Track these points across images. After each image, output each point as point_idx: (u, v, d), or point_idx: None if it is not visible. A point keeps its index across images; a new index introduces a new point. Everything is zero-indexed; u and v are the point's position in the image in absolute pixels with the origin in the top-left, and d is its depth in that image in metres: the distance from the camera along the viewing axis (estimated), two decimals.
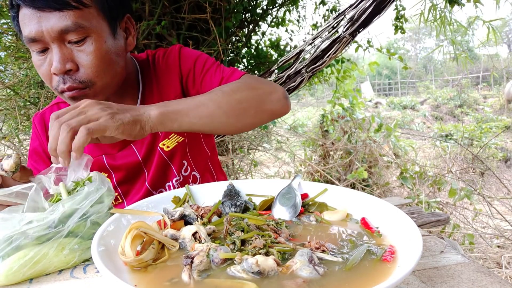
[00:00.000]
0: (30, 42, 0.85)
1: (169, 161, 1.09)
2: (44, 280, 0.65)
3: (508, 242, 2.88)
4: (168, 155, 1.08)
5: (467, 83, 16.08)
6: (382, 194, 3.99)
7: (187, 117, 0.82)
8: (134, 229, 0.58)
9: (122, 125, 0.73)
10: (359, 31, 1.99)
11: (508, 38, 27.05)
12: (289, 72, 2.19)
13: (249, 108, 0.90)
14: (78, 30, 0.83)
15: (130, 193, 1.11)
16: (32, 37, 0.83)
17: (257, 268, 0.51)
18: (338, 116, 4.38)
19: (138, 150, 1.08)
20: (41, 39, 0.83)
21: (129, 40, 0.99)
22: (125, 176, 1.09)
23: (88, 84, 0.88)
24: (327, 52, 2.06)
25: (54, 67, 0.84)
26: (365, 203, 0.75)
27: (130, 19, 1.00)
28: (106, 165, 1.07)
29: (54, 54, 0.84)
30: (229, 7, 2.41)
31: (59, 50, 0.84)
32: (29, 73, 2.19)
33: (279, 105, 0.95)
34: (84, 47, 0.86)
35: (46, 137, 1.07)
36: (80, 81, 0.87)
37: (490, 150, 5.90)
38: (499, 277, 0.60)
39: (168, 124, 0.80)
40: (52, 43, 0.84)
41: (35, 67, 0.90)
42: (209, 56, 1.09)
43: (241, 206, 0.78)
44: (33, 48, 0.86)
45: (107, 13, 0.89)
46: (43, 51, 0.86)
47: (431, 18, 2.35)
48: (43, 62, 0.87)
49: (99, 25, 0.87)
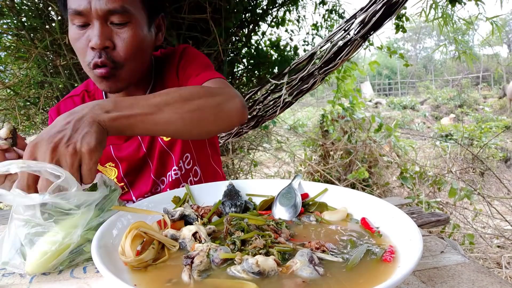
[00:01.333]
0: (75, 15, 0.90)
1: (169, 150, 1.12)
2: (44, 280, 0.65)
3: (508, 242, 2.88)
4: (167, 144, 1.12)
5: (467, 83, 16.08)
6: (382, 194, 3.99)
7: (141, 124, 0.74)
8: (134, 229, 0.58)
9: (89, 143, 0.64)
10: (370, 34, 2.01)
11: (508, 38, 27.05)
12: (302, 74, 2.21)
13: (207, 116, 0.86)
14: (124, 14, 0.90)
15: (136, 183, 1.15)
16: (80, 10, 0.88)
17: (257, 268, 0.51)
18: (338, 116, 4.38)
19: (143, 141, 1.12)
20: (87, 14, 0.89)
21: (159, 36, 1.07)
22: (130, 167, 1.12)
23: (118, 66, 0.94)
24: (339, 54, 2.07)
25: (94, 42, 0.89)
26: (365, 203, 0.75)
27: (164, 18, 1.08)
28: (113, 155, 1.11)
29: (96, 30, 0.90)
30: (229, 7, 2.41)
31: (101, 27, 0.90)
32: (29, 73, 2.19)
33: (237, 114, 0.92)
34: (123, 30, 0.92)
35: None
36: (112, 60, 0.93)
37: (490, 150, 5.90)
38: (499, 277, 0.60)
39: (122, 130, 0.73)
40: (96, 20, 0.89)
41: (70, 40, 0.95)
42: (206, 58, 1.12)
43: (241, 206, 0.78)
44: (75, 21, 0.91)
45: (148, 7, 0.98)
46: (83, 26, 0.91)
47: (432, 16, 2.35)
48: (81, 36, 0.92)
49: (140, 15, 0.95)
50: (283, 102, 2.30)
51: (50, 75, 2.27)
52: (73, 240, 0.64)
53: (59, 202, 0.64)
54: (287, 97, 2.27)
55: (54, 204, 0.64)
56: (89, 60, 0.93)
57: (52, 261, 0.64)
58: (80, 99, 1.15)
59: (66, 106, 1.14)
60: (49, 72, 2.27)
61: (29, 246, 0.64)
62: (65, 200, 0.64)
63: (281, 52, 2.92)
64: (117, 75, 0.95)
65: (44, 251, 0.63)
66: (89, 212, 0.67)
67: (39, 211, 0.64)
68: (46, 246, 0.63)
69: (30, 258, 0.63)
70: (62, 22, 2.12)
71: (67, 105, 1.14)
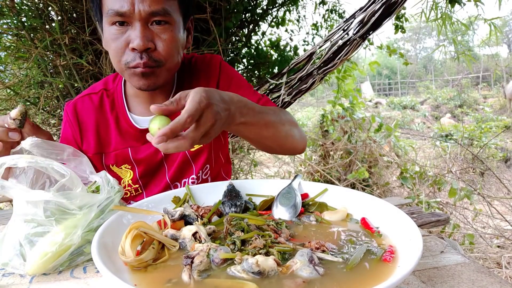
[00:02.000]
0: (115, 15, 0.90)
1: (191, 160, 1.13)
2: (44, 280, 0.65)
3: (508, 242, 2.88)
4: (192, 155, 1.13)
5: (467, 83, 16.08)
6: (382, 194, 3.99)
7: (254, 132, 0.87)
8: (134, 229, 0.58)
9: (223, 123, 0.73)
10: (369, 34, 2.01)
11: (508, 38, 27.05)
12: (301, 74, 2.21)
13: (287, 143, 1.00)
14: (165, 16, 0.92)
15: (150, 185, 1.15)
16: (123, 11, 0.89)
17: (257, 268, 0.51)
18: (338, 116, 4.37)
19: None
20: (129, 15, 0.90)
21: (189, 38, 1.08)
22: (147, 169, 1.13)
23: (159, 64, 0.95)
24: (338, 54, 2.07)
25: (137, 44, 0.90)
26: (365, 203, 0.75)
27: (192, 21, 1.10)
28: (130, 158, 1.11)
29: (138, 31, 0.91)
30: (229, 7, 2.41)
31: (143, 29, 0.91)
32: (29, 73, 2.19)
33: (301, 149, 1.07)
34: (164, 31, 0.94)
35: (78, 126, 1.11)
36: (154, 59, 0.94)
37: (490, 150, 5.90)
38: (499, 277, 0.60)
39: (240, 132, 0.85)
40: (138, 22, 0.91)
41: (106, 40, 0.96)
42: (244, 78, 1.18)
43: (241, 206, 0.78)
44: (114, 20, 0.92)
45: (184, 9, 1.00)
46: (122, 26, 0.92)
47: (432, 16, 2.35)
48: (120, 36, 0.93)
49: (177, 17, 0.97)
50: (282, 102, 2.30)
51: (50, 75, 2.27)
52: (74, 241, 0.65)
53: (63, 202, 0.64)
54: (286, 97, 2.27)
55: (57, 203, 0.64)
56: (128, 60, 0.93)
57: (53, 262, 0.64)
58: (99, 98, 1.14)
59: (84, 104, 1.13)
60: (49, 72, 2.27)
61: (29, 246, 0.64)
62: (68, 200, 0.64)
63: (281, 52, 2.92)
64: (157, 74, 0.97)
65: (44, 252, 0.63)
66: (91, 213, 0.67)
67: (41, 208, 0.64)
68: (46, 247, 0.63)
69: (31, 259, 0.63)
70: (62, 22, 2.12)
71: (85, 103, 1.13)
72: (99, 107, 1.13)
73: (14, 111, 0.81)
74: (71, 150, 0.78)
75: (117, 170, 1.13)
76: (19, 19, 2.09)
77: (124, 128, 1.11)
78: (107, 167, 1.12)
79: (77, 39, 2.18)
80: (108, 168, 1.12)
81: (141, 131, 1.09)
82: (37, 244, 0.64)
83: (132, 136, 1.11)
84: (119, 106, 1.12)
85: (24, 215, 0.65)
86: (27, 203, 0.64)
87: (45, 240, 0.64)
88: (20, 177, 0.70)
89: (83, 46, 2.21)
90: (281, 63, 2.78)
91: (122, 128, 1.11)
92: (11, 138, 0.83)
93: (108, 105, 1.13)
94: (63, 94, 2.42)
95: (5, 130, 0.83)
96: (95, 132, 1.11)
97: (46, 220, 0.65)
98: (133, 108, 1.13)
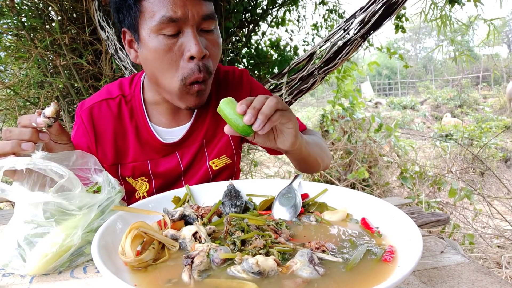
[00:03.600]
0: (167, 23, 0.82)
1: (212, 177, 1.11)
2: (44, 280, 0.65)
3: (508, 242, 2.88)
4: (214, 173, 1.10)
5: (467, 83, 16.08)
6: (382, 194, 3.99)
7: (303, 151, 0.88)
8: (134, 229, 0.58)
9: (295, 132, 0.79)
10: (370, 34, 2.01)
11: (508, 38, 27.05)
12: (301, 74, 2.21)
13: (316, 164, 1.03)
14: (213, 19, 0.87)
15: None
16: (176, 17, 0.82)
17: (257, 268, 0.51)
18: (338, 116, 4.37)
19: (181, 159, 1.07)
20: (182, 21, 0.83)
21: None
22: (164, 183, 1.08)
23: (211, 73, 0.90)
24: (339, 54, 2.08)
25: (196, 51, 0.83)
26: (365, 203, 0.75)
27: None
28: (149, 171, 1.05)
29: (192, 38, 0.83)
30: (229, 7, 2.41)
31: (197, 34, 0.85)
32: (29, 73, 2.19)
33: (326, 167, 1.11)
34: (212, 37, 0.89)
35: (94, 135, 1.01)
36: (207, 68, 0.88)
37: (490, 150, 5.90)
38: (499, 277, 0.60)
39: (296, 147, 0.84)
40: (190, 27, 0.84)
41: (157, 52, 0.85)
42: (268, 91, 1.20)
43: (241, 206, 0.78)
44: (165, 30, 0.83)
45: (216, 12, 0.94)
46: (173, 35, 0.84)
47: (431, 16, 2.36)
48: (173, 45, 0.84)
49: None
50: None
51: (50, 75, 2.27)
52: (74, 241, 0.65)
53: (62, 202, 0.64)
54: (287, 97, 2.27)
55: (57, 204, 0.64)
56: (185, 75, 0.86)
57: (53, 263, 0.64)
58: (117, 104, 1.03)
59: (101, 110, 1.02)
60: (49, 72, 2.27)
61: (29, 247, 0.64)
62: (68, 200, 0.64)
63: (281, 52, 2.92)
64: (208, 84, 0.91)
65: (45, 253, 0.63)
66: (91, 213, 0.67)
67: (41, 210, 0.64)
68: (46, 248, 0.63)
69: (31, 260, 0.63)
70: (62, 22, 2.12)
71: (102, 110, 1.02)
72: (117, 115, 1.03)
73: (49, 109, 0.72)
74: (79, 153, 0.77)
75: (132, 182, 1.07)
76: (19, 19, 2.09)
77: (144, 139, 1.03)
78: (123, 179, 1.06)
79: (77, 39, 2.18)
80: (124, 179, 1.06)
81: (164, 145, 1.03)
82: (37, 245, 0.64)
83: (152, 148, 1.03)
84: (138, 115, 1.03)
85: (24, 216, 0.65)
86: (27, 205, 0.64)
87: (46, 241, 0.64)
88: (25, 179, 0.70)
89: (83, 46, 2.21)
90: (281, 63, 2.78)
91: (142, 139, 1.03)
92: (42, 139, 0.74)
93: (127, 113, 1.03)
94: (63, 94, 2.42)
95: (35, 131, 0.73)
96: (113, 142, 1.02)
97: (46, 222, 0.65)
98: (154, 117, 1.05)
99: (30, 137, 0.72)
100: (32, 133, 0.72)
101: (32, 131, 0.72)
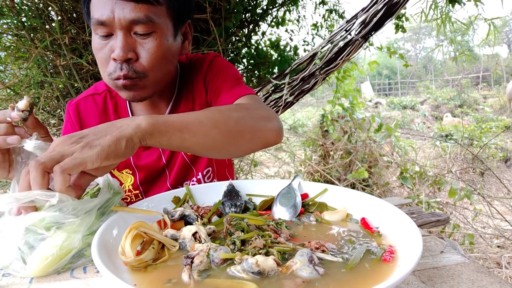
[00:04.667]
0: (98, 25, 0.87)
1: (191, 164, 1.11)
2: (44, 280, 0.65)
3: (508, 242, 2.88)
4: (190, 158, 1.11)
5: (467, 83, 16.08)
6: (382, 194, 3.99)
7: (179, 132, 0.72)
8: (134, 229, 0.58)
9: (103, 151, 0.62)
10: (371, 34, 2.01)
11: (508, 38, 27.04)
12: (303, 74, 2.22)
13: (245, 132, 0.83)
14: (147, 24, 0.87)
15: (151, 191, 1.14)
16: (102, 20, 0.86)
17: (257, 268, 0.51)
18: (338, 116, 4.38)
19: (163, 151, 1.10)
20: (109, 24, 0.86)
21: (185, 44, 1.04)
22: (148, 176, 1.11)
23: (141, 75, 0.91)
24: (340, 55, 2.08)
25: (116, 54, 0.87)
26: (365, 203, 0.75)
27: (190, 25, 1.04)
28: (132, 163, 1.09)
29: (119, 41, 0.87)
30: (229, 7, 2.41)
31: (124, 38, 0.87)
32: (29, 73, 2.19)
33: (274, 134, 0.89)
34: (147, 40, 0.89)
35: (80, 128, 1.09)
36: (135, 70, 0.90)
37: (490, 150, 5.90)
38: (499, 277, 0.60)
39: (157, 136, 0.70)
40: (119, 31, 0.87)
41: (93, 50, 0.92)
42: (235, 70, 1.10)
43: (241, 206, 0.78)
44: (98, 31, 0.89)
45: (175, 15, 0.94)
46: (106, 36, 0.89)
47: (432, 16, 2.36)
48: (104, 46, 0.90)
49: (165, 24, 0.91)
50: (285, 102, 2.30)
51: (50, 75, 2.27)
52: (74, 244, 0.64)
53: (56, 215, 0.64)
54: (289, 97, 2.28)
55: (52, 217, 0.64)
56: (110, 71, 0.90)
57: (53, 266, 0.64)
58: (102, 99, 1.11)
59: (87, 104, 1.11)
60: (49, 72, 2.27)
61: (30, 250, 0.64)
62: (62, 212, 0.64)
63: (281, 52, 2.92)
64: (140, 85, 0.92)
65: (45, 256, 0.63)
66: (90, 217, 0.67)
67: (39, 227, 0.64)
68: (47, 251, 0.63)
69: (31, 262, 0.63)
70: (62, 22, 2.12)
71: (88, 104, 1.11)
72: (102, 109, 1.11)
73: (22, 102, 0.74)
74: None
75: (118, 174, 1.12)
76: (19, 19, 2.09)
77: None
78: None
79: (77, 39, 2.18)
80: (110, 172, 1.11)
81: None
82: (38, 247, 0.64)
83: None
84: (122, 110, 1.11)
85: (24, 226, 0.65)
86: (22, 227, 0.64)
87: (46, 243, 0.64)
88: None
89: (83, 46, 2.21)
90: (281, 63, 2.78)
91: None
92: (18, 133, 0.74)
93: (111, 108, 1.11)
94: (63, 94, 2.42)
95: (10, 125, 0.74)
96: None
97: (45, 230, 0.65)
98: (136, 112, 1.11)
99: (5, 132, 0.73)
100: (7, 128, 0.74)
101: (7, 126, 0.74)
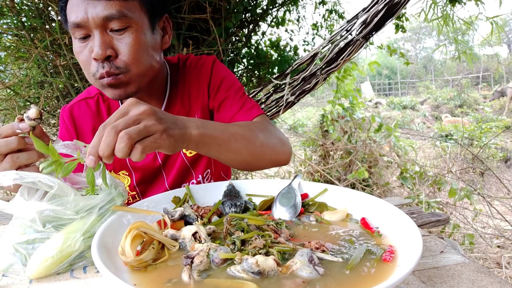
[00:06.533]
0: (74, 28, 0.88)
1: (190, 166, 1.12)
2: (44, 280, 0.65)
3: (508, 242, 2.88)
4: (190, 160, 1.11)
5: (467, 83, 16.09)
6: (382, 194, 3.99)
7: (217, 146, 0.80)
8: (134, 229, 0.58)
9: (173, 143, 0.67)
10: (372, 34, 2.02)
11: (508, 38, 27.05)
12: (304, 75, 2.22)
13: (266, 154, 0.94)
14: (121, 19, 0.88)
15: (148, 192, 1.14)
16: (77, 22, 0.87)
17: (257, 268, 0.51)
18: (338, 116, 4.37)
19: (159, 152, 1.10)
20: (85, 25, 0.87)
21: (165, 38, 1.04)
22: (144, 177, 1.12)
23: (124, 70, 0.91)
24: (341, 55, 2.08)
25: (95, 53, 0.87)
26: (365, 203, 0.75)
27: (168, 19, 1.05)
28: (128, 164, 1.10)
29: (96, 40, 0.88)
30: (229, 7, 2.41)
31: (100, 36, 0.88)
32: (29, 73, 2.19)
33: (285, 157, 1.00)
34: (124, 35, 0.90)
35: (75, 132, 1.10)
36: (117, 66, 0.91)
37: (490, 150, 5.90)
38: (499, 277, 0.60)
39: (200, 147, 0.78)
40: (95, 30, 0.88)
41: (75, 53, 0.93)
42: (236, 79, 1.14)
43: (241, 206, 0.78)
44: (76, 34, 0.90)
45: (149, 9, 0.94)
46: (84, 38, 0.90)
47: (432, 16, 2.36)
48: (83, 48, 0.91)
49: (140, 18, 0.92)
50: (286, 102, 2.31)
51: (50, 75, 2.27)
52: (75, 246, 0.64)
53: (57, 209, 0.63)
54: (289, 97, 2.28)
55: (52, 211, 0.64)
56: (94, 71, 0.91)
57: (54, 268, 0.64)
58: (95, 102, 1.12)
59: (80, 108, 1.12)
60: (49, 72, 2.27)
61: (29, 252, 0.64)
62: (62, 206, 0.64)
63: (281, 52, 2.92)
64: (125, 81, 0.93)
65: (45, 258, 0.63)
66: (90, 216, 0.67)
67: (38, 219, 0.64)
68: (47, 253, 0.63)
69: (31, 265, 0.63)
70: (62, 22, 2.12)
71: (81, 108, 1.12)
72: (96, 112, 1.11)
73: (32, 111, 0.72)
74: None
75: (115, 176, 1.12)
76: (19, 19, 2.09)
77: None
78: None
79: None
80: None
81: None
82: (38, 249, 0.64)
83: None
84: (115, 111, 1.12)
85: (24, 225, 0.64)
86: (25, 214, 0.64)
87: (46, 245, 0.64)
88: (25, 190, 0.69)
89: None
90: (281, 63, 2.78)
91: None
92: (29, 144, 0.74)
93: (104, 110, 1.11)
94: (63, 94, 2.42)
95: (21, 138, 0.72)
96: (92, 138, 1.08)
97: (45, 229, 0.65)
98: None
99: (18, 145, 0.72)
100: (19, 141, 0.72)
101: (18, 139, 0.72)
